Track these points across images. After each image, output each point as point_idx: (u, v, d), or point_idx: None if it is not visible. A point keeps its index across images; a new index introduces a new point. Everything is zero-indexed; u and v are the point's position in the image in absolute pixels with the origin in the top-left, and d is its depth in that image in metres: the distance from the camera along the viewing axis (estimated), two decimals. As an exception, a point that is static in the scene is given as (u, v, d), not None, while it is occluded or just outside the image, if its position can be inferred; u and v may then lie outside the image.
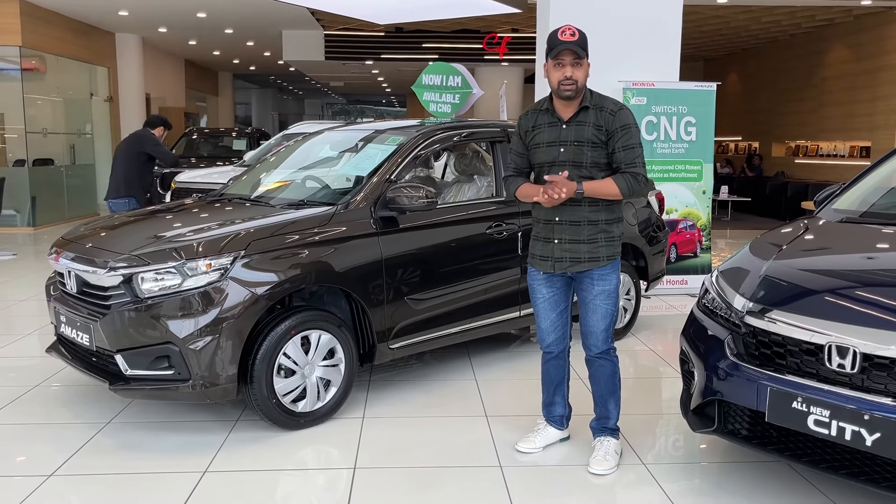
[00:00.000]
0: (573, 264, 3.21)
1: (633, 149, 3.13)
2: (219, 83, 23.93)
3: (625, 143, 3.12)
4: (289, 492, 3.12)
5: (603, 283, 3.23)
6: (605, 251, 3.20)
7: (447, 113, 5.89)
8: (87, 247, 3.82)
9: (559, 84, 3.11)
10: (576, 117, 3.17)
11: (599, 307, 3.24)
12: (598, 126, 3.13)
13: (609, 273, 3.23)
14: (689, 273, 7.14)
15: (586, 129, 3.14)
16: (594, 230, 3.19)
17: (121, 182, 7.15)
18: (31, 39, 11.79)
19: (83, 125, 14.09)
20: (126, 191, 7.13)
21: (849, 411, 2.54)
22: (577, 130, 3.15)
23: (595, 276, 3.22)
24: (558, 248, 3.23)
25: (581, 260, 3.20)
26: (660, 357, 5.06)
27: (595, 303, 3.24)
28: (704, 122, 6.96)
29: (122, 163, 7.20)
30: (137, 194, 7.21)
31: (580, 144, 3.14)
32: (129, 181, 7.15)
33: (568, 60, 3.09)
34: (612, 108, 3.16)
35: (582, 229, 3.19)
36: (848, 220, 3.58)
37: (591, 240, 3.19)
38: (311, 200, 4.22)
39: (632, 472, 3.31)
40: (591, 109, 3.16)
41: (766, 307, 2.88)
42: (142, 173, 7.28)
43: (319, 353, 3.73)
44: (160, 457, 3.43)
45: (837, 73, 13.79)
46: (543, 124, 3.24)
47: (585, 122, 3.15)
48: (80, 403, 4.07)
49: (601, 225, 3.20)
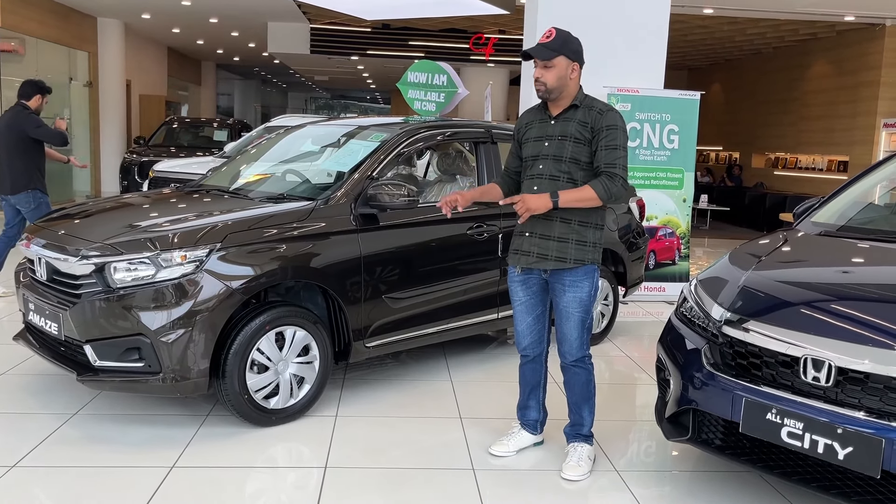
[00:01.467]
0: (539, 260, 3.20)
1: (614, 149, 3.12)
2: (202, 73, 23.69)
3: (608, 142, 3.12)
4: (258, 489, 3.08)
5: (575, 290, 3.20)
6: (573, 253, 3.16)
7: (432, 111, 5.86)
8: (60, 234, 3.74)
9: (534, 85, 3.20)
10: (564, 114, 3.22)
11: (572, 315, 3.22)
12: (583, 123, 3.15)
13: (581, 279, 3.20)
14: (666, 280, 7.17)
15: (571, 124, 3.18)
16: (565, 229, 3.17)
17: (19, 173, 6.06)
18: (11, 21, 11.58)
19: (61, 110, 13.85)
20: (25, 184, 6.08)
21: (822, 424, 2.55)
22: (563, 126, 3.19)
23: (566, 281, 3.20)
24: (528, 242, 3.23)
25: (548, 257, 3.18)
26: (635, 363, 5.07)
27: (568, 310, 3.22)
28: (687, 131, 6.99)
29: (7, 152, 6.08)
30: (39, 184, 6.18)
31: (563, 139, 3.17)
32: (27, 171, 6.09)
33: (539, 63, 3.15)
34: (600, 108, 3.19)
35: (553, 225, 3.18)
36: (826, 233, 3.60)
37: (560, 238, 3.17)
38: (291, 195, 4.17)
39: (604, 478, 3.30)
40: (581, 108, 3.20)
41: (744, 318, 2.89)
42: (34, 158, 6.17)
43: (294, 349, 3.68)
44: (127, 450, 3.37)
45: (819, 87, 13.95)
46: (535, 121, 3.32)
47: (572, 119, 3.19)
48: (46, 393, 3.99)
49: (573, 225, 3.17)
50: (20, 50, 12.23)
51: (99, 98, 15.04)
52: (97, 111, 15.01)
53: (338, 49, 16.53)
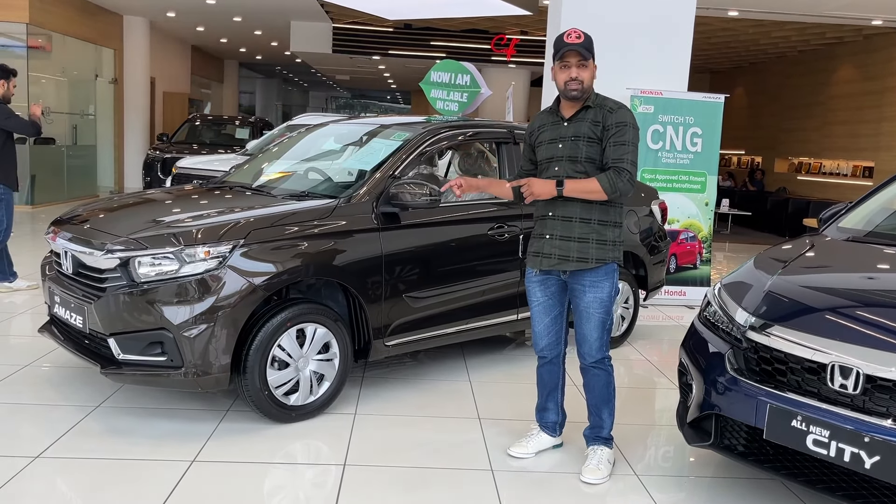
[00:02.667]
0: (561, 262, 3.18)
1: (623, 145, 3.10)
2: (224, 71, 23.88)
3: (616, 139, 3.11)
4: (277, 485, 3.09)
5: (595, 291, 3.18)
6: (595, 253, 3.15)
7: (454, 111, 5.86)
8: (85, 228, 3.78)
9: (565, 85, 3.16)
10: (577, 115, 3.21)
11: (593, 315, 3.20)
12: (595, 122, 3.16)
13: (602, 280, 3.18)
14: (687, 284, 7.11)
15: (584, 124, 3.17)
16: (586, 229, 3.15)
17: None
18: (39, 17, 11.73)
19: (86, 106, 14.03)
20: None
21: (849, 433, 2.51)
22: (576, 126, 3.19)
23: (587, 281, 3.18)
24: (548, 244, 3.21)
25: (569, 259, 3.16)
26: (655, 367, 5.03)
27: (588, 311, 3.20)
28: (710, 134, 6.93)
29: None
30: (8, 180, 5.86)
31: (576, 139, 3.17)
32: None
33: (573, 62, 3.13)
34: (611, 106, 3.19)
35: (573, 226, 3.16)
36: (853, 239, 3.55)
37: (581, 238, 3.15)
38: (313, 192, 4.18)
39: (623, 482, 3.28)
40: (593, 108, 3.19)
41: (769, 323, 2.85)
42: (4, 153, 5.80)
43: (314, 346, 3.69)
44: (149, 443, 3.39)
45: (844, 91, 13.78)
46: (548, 123, 3.30)
47: (584, 119, 3.18)
48: (69, 385, 4.03)
49: (593, 224, 3.16)
50: (47, 47, 12.38)
51: (124, 95, 15.22)
52: (122, 108, 15.18)
53: (360, 49, 16.58)
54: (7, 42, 11.75)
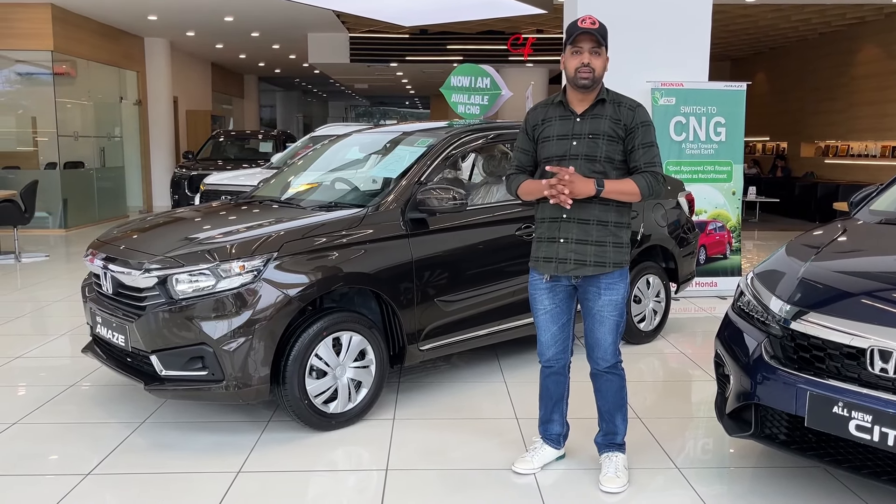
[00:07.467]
0: (577, 267, 3.02)
1: (652, 147, 3.03)
2: (244, 86, 24.14)
3: (644, 140, 3.00)
4: (321, 492, 3.14)
5: (610, 293, 3.05)
6: (612, 256, 3.02)
7: (476, 114, 5.89)
8: (122, 248, 3.87)
9: (576, 72, 2.96)
10: (591, 110, 3.03)
11: (607, 318, 3.07)
12: (615, 120, 3.00)
13: (616, 281, 3.06)
14: (718, 275, 7.06)
15: (603, 121, 3.00)
16: (603, 232, 3.02)
17: None
18: (63, 44, 11.98)
19: (113, 128, 14.28)
20: None
21: (891, 416, 2.49)
22: (593, 123, 3.01)
23: (602, 284, 3.05)
24: (563, 248, 3.03)
25: (586, 263, 3.01)
26: (689, 359, 5.01)
27: (602, 314, 3.07)
28: (734, 123, 6.88)
29: None
30: None
31: (595, 137, 2.99)
32: None
33: (587, 47, 2.95)
34: (630, 104, 3.06)
35: (591, 229, 3.01)
36: (886, 221, 3.52)
37: (598, 242, 3.01)
38: (342, 202, 4.24)
39: (664, 476, 3.27)
40: (609, 103, 3.03)
41: (804, 310, 2.84)
42: None
43: (350, 354, 3.74)
44: (195, 456, 3.47)
45: (869, 72, 13.56)
46: (554, 117, 3.10)
47: (602, 115, 3.01)
48: (113, 403, 4.13)
49: (610, 227, 3.03)
50: (72, 72, 12.64)
51: (148, 115, 15.47)
52: (147, 128, 15.43)
53: (377, 56, 16.67)
54: (34, 70, 12.02)
